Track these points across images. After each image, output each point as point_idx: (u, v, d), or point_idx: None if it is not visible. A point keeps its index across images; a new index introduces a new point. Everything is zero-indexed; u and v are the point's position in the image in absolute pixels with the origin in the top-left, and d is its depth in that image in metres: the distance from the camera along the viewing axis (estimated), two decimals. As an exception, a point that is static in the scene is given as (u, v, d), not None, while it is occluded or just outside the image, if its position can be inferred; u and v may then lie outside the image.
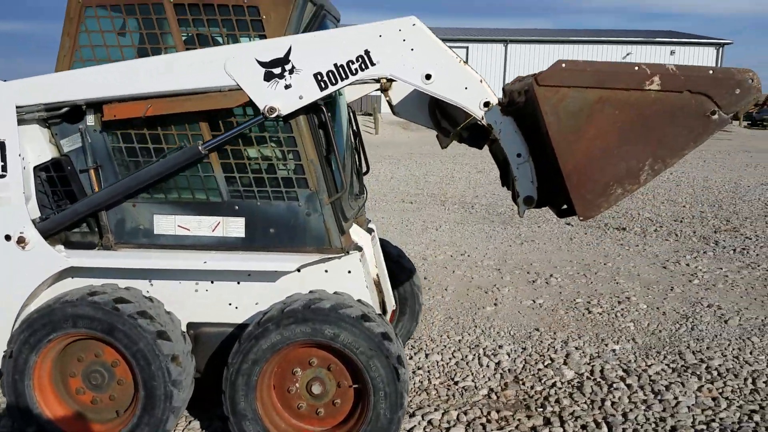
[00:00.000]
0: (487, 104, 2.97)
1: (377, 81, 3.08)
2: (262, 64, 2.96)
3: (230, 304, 3.40)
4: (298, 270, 3.29)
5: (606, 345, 4.92)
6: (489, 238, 8.69)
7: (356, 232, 3.65)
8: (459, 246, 8.20)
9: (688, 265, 7.34)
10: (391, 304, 4.10)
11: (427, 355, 4.71)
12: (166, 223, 3.32)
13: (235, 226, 3.30)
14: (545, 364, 4.58)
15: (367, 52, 2.92)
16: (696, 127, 2.69)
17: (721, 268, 7.16)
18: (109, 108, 3.10)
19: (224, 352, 3.29)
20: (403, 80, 2.99)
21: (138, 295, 3.26)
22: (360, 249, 3.41)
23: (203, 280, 3.38)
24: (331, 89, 2.98)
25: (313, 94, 2.99)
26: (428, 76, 2.93)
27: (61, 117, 3.19)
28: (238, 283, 3.37)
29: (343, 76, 2.95)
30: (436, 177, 15.18)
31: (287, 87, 2.97)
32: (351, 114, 4.09)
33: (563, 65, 2.71)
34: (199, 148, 3.10)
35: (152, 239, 3.34)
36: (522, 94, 3.00)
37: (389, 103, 3.84)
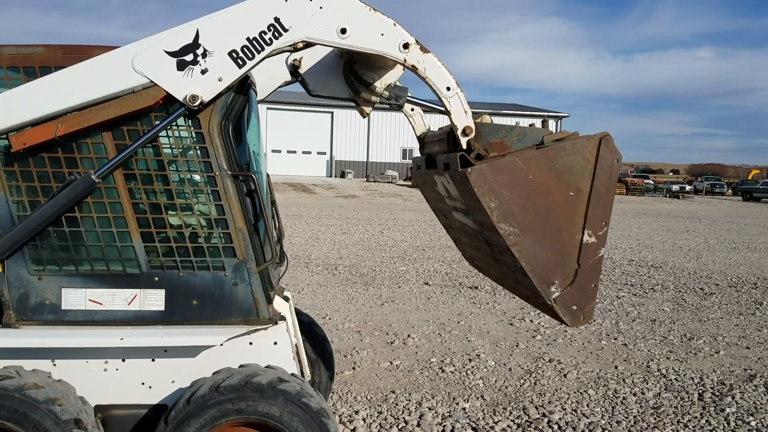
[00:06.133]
0: (406, 46, 2.93)
1: (294, 49, 3.00)
2: (171, 54, 2.86)
3: (143, 384, 3.15)
4: (220, 344, 3.13)
5: (457, 404, 5.09)
6: (351, 300, 8.77)
7: (276, 302, 3.51)
8: (321, 309, 8.18)
9: (531, 321, 7.87)
10: (307, 373, 3.97)
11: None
12: (75, 298, 3.05)
13: (154, 299, 3.09)
14: (399, 427, 4.63)
15: (277, 20, 2.86)
16: (544, 272, 2.92)
17: (561, 324, 7.75)
18: (16, 137, 2.82)
19: None
20: (319, 41, 2.93)
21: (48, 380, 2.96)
22: (284, 318, 3.29)
23: (114, 358, 3.11)
24: (250, 65, 2.90)
25: (233, 73, 2.90)
26: (343, 30, 2.88)
27: None
28: (153, 360, 3.14)
29: (259, 48, 2.88)
30: (301, 238, 15.16)
31: (204, 72, 2.88)
32: (269, 181, 4.00)
33: (616, 161, 2.87)
34: (93, 176, 2.87)
35: (59, 315, 3.04)
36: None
37: (303, 84, 3.71)
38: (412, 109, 3.68)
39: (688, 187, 52.45)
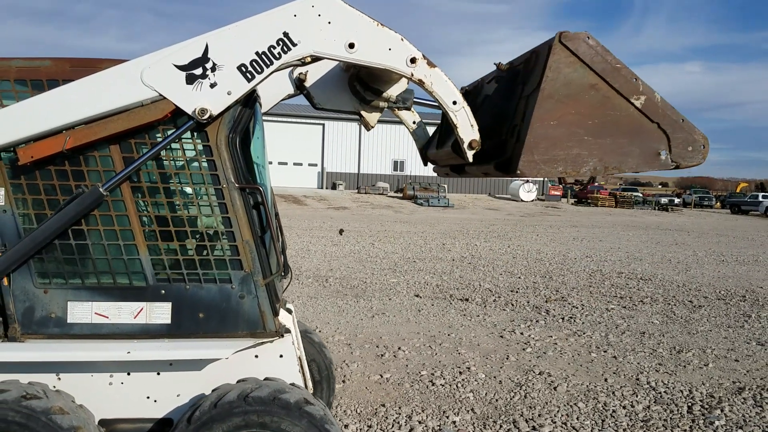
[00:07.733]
0: (413, 60, 2.95)
1: (303, 63, 3.02)
2: (181, 67, 2.86)
3: (148, 397, 3.12)
4: (227, 357, 3.11)
5: (447, 417, 5.07)
6: (341, 312, 8.74)
7: (280, 314, 3.49)
8: (311, 322, 8.14)
9: (522, 333, 7.88)
10: (309, 386, 3.96)
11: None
12: (81, 311, 3.03)
13: (160, 312, 3.08)
14: (389, 440, 4.61)
15: (286, 34, 2.88)
16: (644, 155, 2.95)
17: (551, 336, 7.77)
18: (24, 150, 2.81)
19: None
20: (327, 55, 2.95)
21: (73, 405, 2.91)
22: (289, 331, 3.28)
23: (119, 372, 3.09)
24: (258, 79, 2.91)
25: (242, 87, 2.91)
26: (351, 45, 2.90)
27: None
28: (158, 373, 3.12)
29: (268, 63, 2.90)
30: (292, 250, 15.10)
31: (213, 86, 2.89)
32: (272, 193, 4.01)
33: (588, 39, 2.86)
34: (100, 189, 2.86)
35: (64, 329, 3.02)
36: (528, 56, 3.06)
37: (308, 97, 3.70)
38: (414, 122, 3.75)
39: (676, 200, 52.94)
